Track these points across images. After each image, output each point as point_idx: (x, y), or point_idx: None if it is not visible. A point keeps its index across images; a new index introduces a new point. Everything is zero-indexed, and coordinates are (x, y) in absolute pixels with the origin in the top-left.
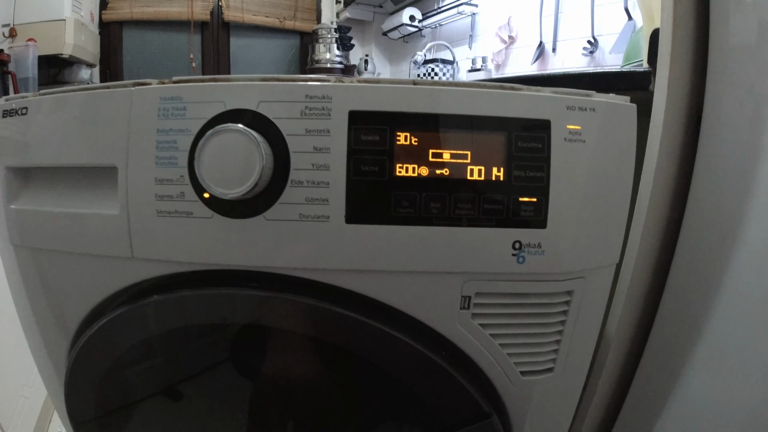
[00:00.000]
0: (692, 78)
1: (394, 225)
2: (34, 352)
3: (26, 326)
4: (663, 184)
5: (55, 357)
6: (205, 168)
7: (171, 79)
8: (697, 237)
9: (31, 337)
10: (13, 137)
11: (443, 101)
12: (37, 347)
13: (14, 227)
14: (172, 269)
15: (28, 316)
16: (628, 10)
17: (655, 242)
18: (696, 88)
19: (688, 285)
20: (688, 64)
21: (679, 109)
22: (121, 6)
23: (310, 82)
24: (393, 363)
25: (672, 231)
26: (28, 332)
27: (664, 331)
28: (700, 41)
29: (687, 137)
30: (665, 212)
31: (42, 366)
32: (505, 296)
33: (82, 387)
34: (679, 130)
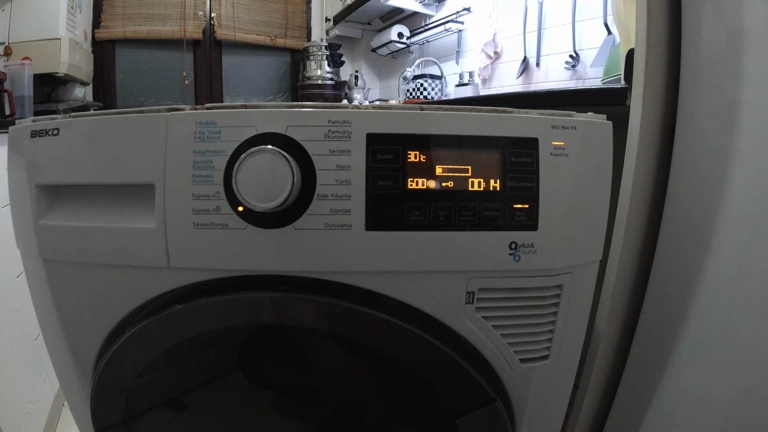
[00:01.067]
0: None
1: (407, 231)
2: (57, 363)
3: (51, 338)
4: (641, 188)
5: (81, 366)
6: (242, 184)
7: (204, 105)
8: (675, 236)
9: (55, 348)
10: (43, 157)
11: (446, 124)
12: (61, 358)
13: (44, 242)
14: (205, 276)
15: (54, 327)
16: (607, 25)
17: (637, 242)
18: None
19: (668, 281)
20: (662, 79)
21: (654, 121)
22: (113, 25)
23: (332, 108)
24: (408, 355)
25: (652, 231)
26: (52, 343)
27: (649, 326)
28: (673, 55)
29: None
30: (645, 214)
31: (65, 376)
32: (504, 291)
33: (110, 393)
34: (655, 139)
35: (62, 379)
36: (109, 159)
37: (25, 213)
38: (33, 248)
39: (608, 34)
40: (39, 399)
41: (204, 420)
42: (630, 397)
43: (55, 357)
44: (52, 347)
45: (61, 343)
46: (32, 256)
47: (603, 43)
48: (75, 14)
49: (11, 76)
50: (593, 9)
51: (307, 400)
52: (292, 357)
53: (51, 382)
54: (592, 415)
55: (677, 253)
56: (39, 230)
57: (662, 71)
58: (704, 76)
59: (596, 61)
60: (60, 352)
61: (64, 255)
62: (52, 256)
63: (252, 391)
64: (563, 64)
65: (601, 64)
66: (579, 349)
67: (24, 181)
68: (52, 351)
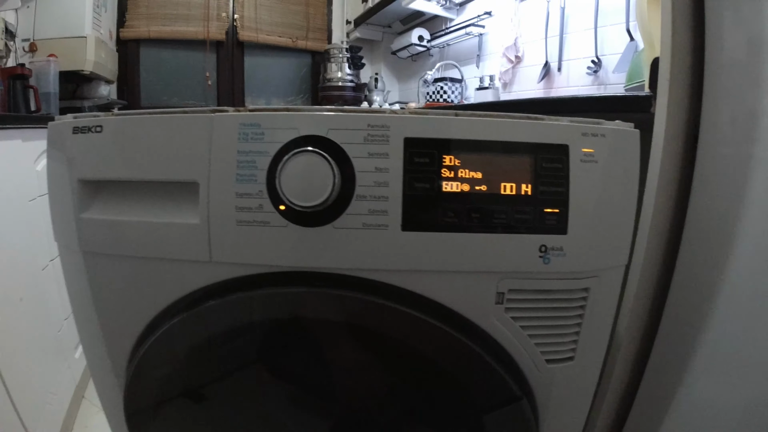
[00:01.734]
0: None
1: (441, 232)
2: (91, 354)
3: (86, 329)
4: (665, 194)
5: (115, 357)
6: (285, 184)
7: (247, 107)
8: (697, 242)
9: (89, 339)
10: (85, 152)
11: (480, 129)
12: (95, 349)
13: (85, 235)
14: (245, 271)
15: (91, 319)
16: (630, 31)
17: (659, 247)
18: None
19: (689, 287)
20: (686, 87)
21: (678, 128)
22: (138, 24)
23: (371, 113)
24: (439, 352)
25: (674, 237)
26: (86, 334)
27: (669, 331)
28: (697, 63)
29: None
30: (667, 220)
31: (97, 366)
32: (533, 292)
33: (144, 383)
34: (679, 146)
35: (94, 368)
36: (154, 157)
37: (66, 207)
38: (73, 241)
39: (630, 40)
40: (60, 390)
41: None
42: (649, 401)
43: (89, 347)
44: (87, 338)
45: (97, 334)
46: (71, 248)
47: (625, 49)
48: (100, 13)
49: (37, 72)
50: (615, 14)
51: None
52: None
53: (72, 374)
54: (611, 418)
55: (699, 260)
56: (80, 224)
57: (686, 79)
58: (726, 84)
59: (618, 67)
60: (94, 343)
61: (105, 248)
62: (93, 248)
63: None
64: (585, 69)
65: (623, 70)
66: (603, 352)
67: (65, 176)
68: (87, 342)
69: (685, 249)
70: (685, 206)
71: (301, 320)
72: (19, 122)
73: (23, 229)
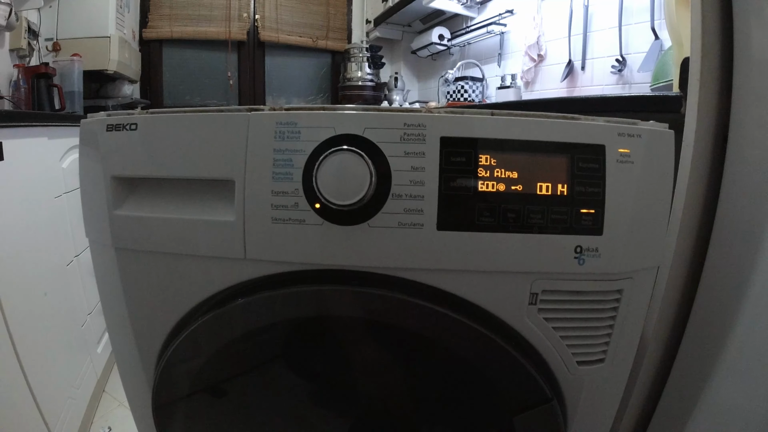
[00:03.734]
0: (719, 100)
1: (477, 232)
2: (119, 348)
3: (116, 324)
4: (694, 196)
5: (145, 352)
6: (322, 182)
7: (283, 107)
8: (725, 244)
9: (118, 334)
10: (120, 150)
11: (516, 129)
12: (124, 343)
13: (119, 231)
14: (279, 269)
15: (121, 315)
16: (654, 29)
17: (688, 249)
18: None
19: (717, 290)
20: (715, 88)
21: (708, 129)
22: (161, 25)
23: (407, 112)
24: (472, 352)
25: (703, 239)
26: (115, 329)
27: (695, 335)
28: (726, 65)
29: (715, 153)
30: (696, 221)
31: (126, 360)
32: (567, 293)
33: (174, 377)
34: (708, 147)
35: (122, 362)
36: (189, 154)
37: (99, 203)
38: (105, 237)
39: (655, 38)
40: (82, 384)
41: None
42: (673, 404)
43: (118, 343)
44: (116, 333)
45: (127, 330)
46: (104, 245)
47: (650, 47)
48: (123, 13)
49: (61, 71)
50: (640, 13)
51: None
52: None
53: (95, 369)
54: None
55: (727, 262)
56: (113, 220)
57: (715, 80)
58: (755, 86)
59: (643, 66)
60: (124, 339)
61: (138, 244)
62: (126, 245)
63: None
64: (609, 68)
65: (649, 69)
66: (633, 354)
67: (98, 173)
68: (115, 337)
69: (713, 250)
70: (714, 207)
71: (331, 319)
72: (46, 120)
73: (48, 226)
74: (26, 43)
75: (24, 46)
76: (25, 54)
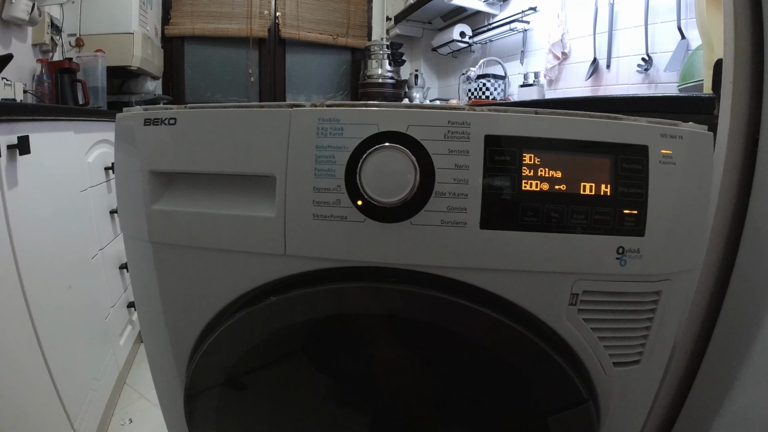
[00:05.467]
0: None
1: (520, 231)
2: (152, 341)
3: (149, 318)
4: (726, 199)
5: (178, 345)
6: (366, 179)
7: (324, 102)
8: (755, 248)
9: (152, 327)
10: (158, 144)
11: (561, 128)
12: (157, 337)
13: (156, 226)
14: (320, 265)
15: (155, 308)
16: (681, 29)
17: (718, 253)
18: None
19: (746, 293)
20: (747, 91)
21: (740, 131)
22: (183, 22)
23: (450, 110)
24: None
25: (733, 242)
26: (149, 323)
27: (723, 337)
28: (757, 67)
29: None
30: (727, 225)
31: (158, 353)
32: (606, 294)
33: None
34: (740, 150)
35: (153, 355)
36: (230, 150)
37: (136, 198)
38: (142, 231)
39: (682, 38)
40: (104, 377)
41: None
42: (698, 407)
43: (150, 336)
44: (149, 327)
45: (160, 323)
46: (139, 239)
47: (677, 47)
48: (146, 10)
49: (84, 67)
50: (667, 12)
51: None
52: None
53: (116, 361)
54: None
55: (757, 266)
56: (151, 214)
57: (747, 83)
58: None
59: (670, 66)
60: (157, 332)
61: (176, 239)
62: (162, 239)
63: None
64: (635, 66)
65: (675, 68)
66: (666, 356)
67: (136, 167)
68: (148, 330)
69: (743, 254)
70: (745, 211)
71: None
72: (72, 115)
73: (74, 219)
74: (49, 39)
75: (47, 41)
76: (48, 49)
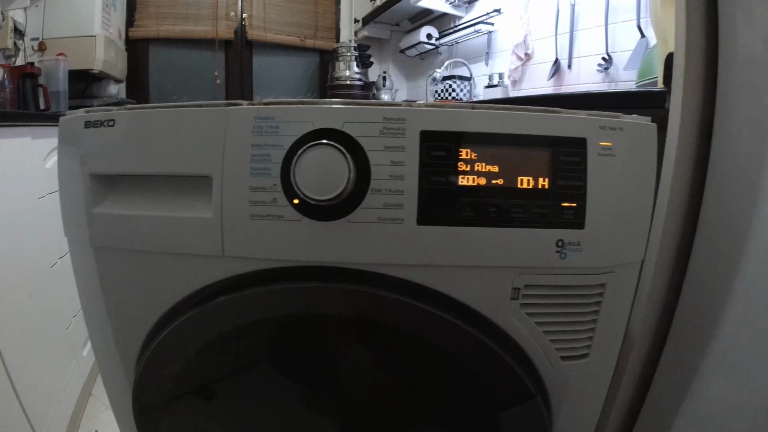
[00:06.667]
0: (704, 96)
1: (458, 226)
2: (100, 351)
3: (95, 325)
4: (679, 191)
5: (126, 353)
6: (300, 177)
7: (262, 101)
8: (710, 239)
9: (98, 335)
10: (98, 147)
11: (497, 122)
12: (104, 345)
13: (97, 230)
14: (258, 266)
15: (101, 315)
16: (641, 27)
17: (673, 244)
18: (708, 104)
19: (703, 285)
20: (700, 84)
21: (692, 125)
22: (147, 24)
23: (386, 106)
24: (455, 348)
25: (688, 234)
26: (95, 330)
27: (682, 330)
28: (710, 60)
29: (700, 149)
30: (681, 217)
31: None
32: (549, 288)
33: (154, 379)
34: (693, 142)
35: (103, 365)
36: (167, 151)
37: (77, 201)
38: (84, 236)
39: (641, 36)
40: (68, 387)
41: (238, 407)
42: (660, 400)
43: (99, 344)
44: (96, 334)
45: (107, 330)
46: (82, 243)
47: (636, 45)
48: (110, 12)
49: (46, 71)
50: (626, 11)
51: (349, 392)
52: (335, 348)
53: (80, 372)
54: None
55: (712, 257)
56: (92, 218)
57: (700, 76)
58: (741, 82)
59: (629, 64)
60: (104, 340)
61: (117, 243)
62: (104, 243)
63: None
64: (595, 66)
65: (635, 66)
66: (617, 349)
67: (77, 171)
68: (95, 338)
69: (699, 245)
70: (699, 202)
71: (314, 316)
72: (30, 120)
73: (32, 227)
74: (12, 43)
75: (10, 45)
76: (10, 54)
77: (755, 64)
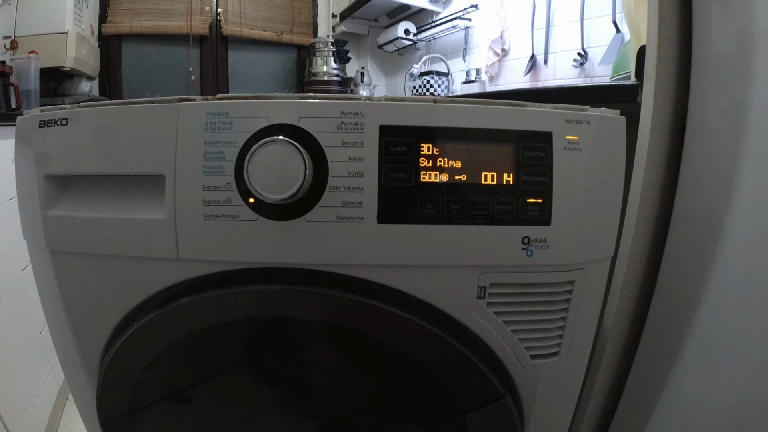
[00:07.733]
0: (677, 90)
1: (419, 224)
2: (63, 356)
3: (57, 330)
4: (651, 186)
5: (87, 358)
6: (254, 176)
7: (215, 96)
8: (684, 234)
9: (61, 340)
10: (51, 147)
11: (460, 117)
12: (67, 350)
13: (52, 233)
14: (214, 269)
15: (60, 319)
16: (616, 23)
17: (646, 239)
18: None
19: (677, 280)
20: (673, 77)
21: (665, 118)
22: (120, 20)
23: (344, 100)
24: (418, 349)
25: (661, 229)
26: (58, 336)
27: (657, 325)
28: (684, 54)
29: (673, 143)
30: (654, 211)
31: (70, 368)
32: (516, 286)
33: (116, 386)
34: (665, 137)
35: (68, 371)
36: (119, 149)
37: (33, 204)
38: (40, 239)
39: (617, 32)
40: (43, 393)
41: (209, 414)
42: (636, 397)
43: (61, 349)
44: (58, 340)
45: (68, 335)
46: (39, 247)
47: (612, 41)
48: (82, 9)
49: (17, 69)
50: (602, 7)
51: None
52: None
53: (55, 376)
54: (598, 415)
55: (686, 252)
56: (46, 221)
57: (673, 69)
58: (714, 76)
59: (605, 59)
60: (66, 345)
61: (72, 246)
62: (60, 247)
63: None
64: (571, 61)
65: (610, 62)
66: (589, 346)
67: (32, 172)
68: (58, 343)
69: (672, 241)
70: (673, 197)
71: (275, 319)
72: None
73: (2, 229)
74: None
75: None
76: None
77: (729, 57)
